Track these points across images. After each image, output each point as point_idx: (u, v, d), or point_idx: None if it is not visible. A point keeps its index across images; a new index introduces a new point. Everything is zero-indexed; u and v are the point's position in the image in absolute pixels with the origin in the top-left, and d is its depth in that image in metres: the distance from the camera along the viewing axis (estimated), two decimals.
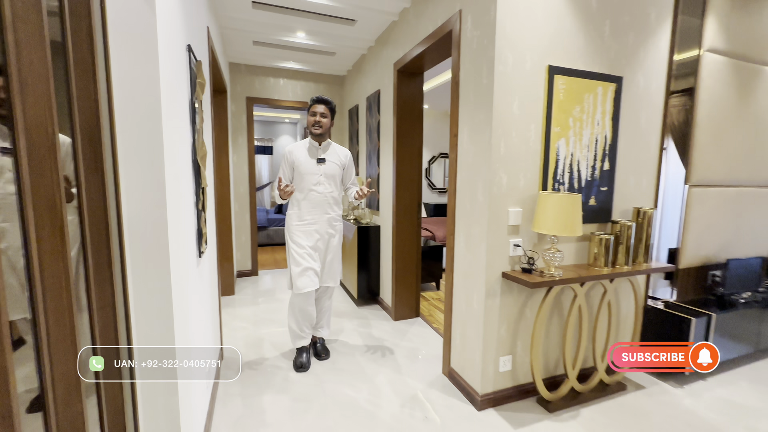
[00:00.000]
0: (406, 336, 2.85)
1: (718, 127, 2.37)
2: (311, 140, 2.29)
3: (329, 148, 2.32)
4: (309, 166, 2.25)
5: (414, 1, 2.59)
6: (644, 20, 2.08)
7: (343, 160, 2.35)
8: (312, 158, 2.26)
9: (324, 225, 2.30)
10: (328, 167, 2.28)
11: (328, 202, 2.29)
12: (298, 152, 2.27)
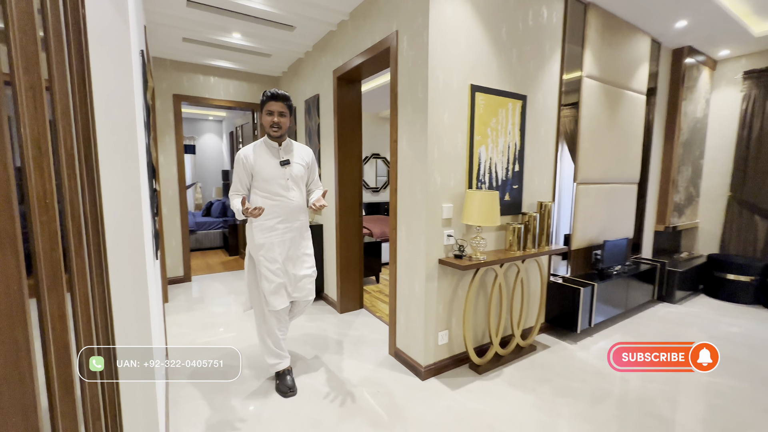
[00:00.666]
0: (352, 326, 3.06)
1: (595, 136, 3.00)
2: (268, 141, 2.00)
3: (291, 147, 2.05)
4: (273, 170, 1.96)
5: (352, 15, 2.80)
6: (541, 50, 2.57)
7: (307, 160, 2.09)
8: (274, 160, 1.98)
9: (296, 234, 2.06)
10: (295, 169, 2.01)
11: (299, 208, 2.05)
12: (257, 156, 1.96)
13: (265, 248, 1.99)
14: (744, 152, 3.94)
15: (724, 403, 2.05)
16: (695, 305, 3.64)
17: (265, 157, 1.98)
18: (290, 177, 2.00)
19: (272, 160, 1.98)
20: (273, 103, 1.93)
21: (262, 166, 1.96)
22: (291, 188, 2.00)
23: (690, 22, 3.15)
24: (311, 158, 2.13)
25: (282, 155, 2.00)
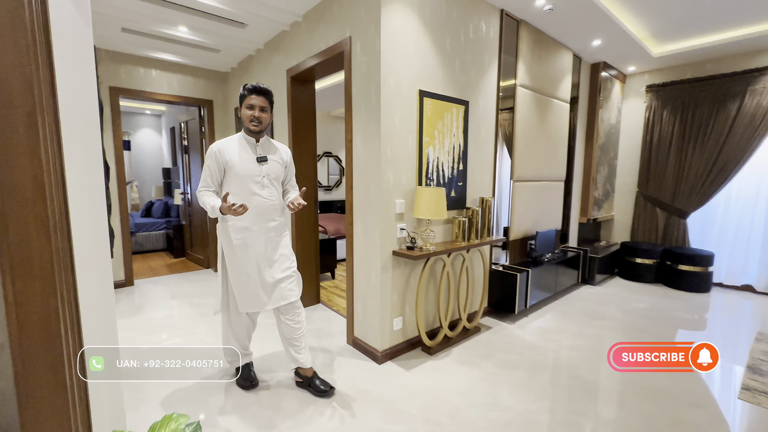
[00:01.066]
0: (311, 320, 3.14)
1: (528, 139, 3.37)
2: (245, 136, 1.91)
3: (269, 145, 1.97)
4: (248, 166, 1.87)
5: (305, 17, 2.88)
6: (480, 60, 2.85)
7: (285, 159, 2.02)
8: (250, 156, 1.89)
9: (272, 234, 1.96)
10: (272, 167, 1.93)
11: (275, 208, 1.95)
12: (231, 151, 1.87)
13: (239, 249, 1.90)
14: (647, 154, 4.62)
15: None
16: (611, 286, 4.21)
17: (240, 152, 1.87)
18: (266, 175, 1.90)
19: (248, 156, 1.88)
20: (254, 97, 1.85)
21: (237, 161, 1.85)
22: (266, 186, 1.91)
23: (603, 42, 3.64)
24: (289, 157, 2.05)
25: (259, 152, 1.91)
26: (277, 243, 1.99)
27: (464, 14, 2.65)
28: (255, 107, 1.85)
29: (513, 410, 1.94)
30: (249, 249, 1.91)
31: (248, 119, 1.86)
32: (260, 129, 1.88)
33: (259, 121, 1.86)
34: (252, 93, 1.85)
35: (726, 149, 4.00)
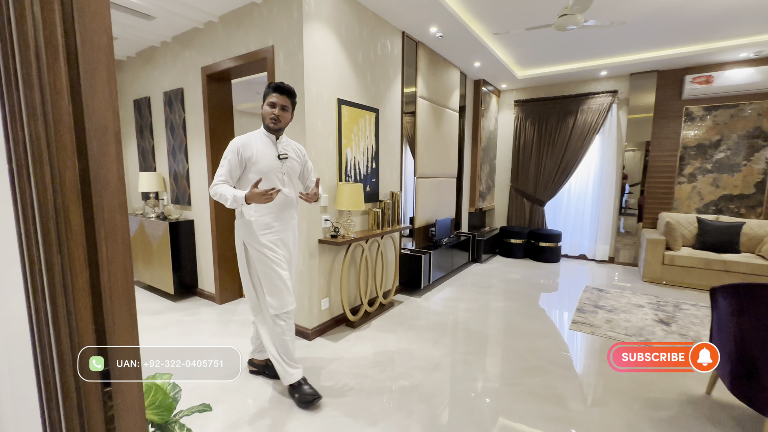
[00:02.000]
0: (236, 313, 3.24)
1: (427, 142, 3.99)
2: (265, 133, 1.92)
3: (288, 143, 2.01)
4: (271, 162, 1.88)
5: (222, 19, 2.96)
6: (387, 73, 3.32)
7: (302, 157, 2.05)
8: (272, 153, 1.90)
9: (291, 233, 1.99)
10: (291, 164, 1.96)
11: (294, 206, 1.99)
12: (254, 147, 1.87)
13: (268, 245, 1.90)
14: (517, 156, 5.76)
15: (504, 316, 3.23)
16: (494, 263, 5.18)
17: (263, 148, 1.89)
18: (287, 172, 1.94)
19: (270, 152, 1.90)
20: (276, 95, 1.86)
21: (261, 157, 1.87)
22: (286, 184, 1.94)
23: (482, 64, 4.48)
24: (304, 154, 2.09)
25: (280, 149, 1.93)
26: (295, 240, 2.03)
27: (373, 34, 3.08)
28: (276, 105, 1.85)
29: (423, 359, 2.45)
30: (278, 244, 1.92)
31: (268, 116, 1.87)
32: (278, 127, 1.89)
33: (278, 119, 1.87)
34: (275, 91, 1.85)
35: (567, 153, 5.27)
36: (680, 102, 4.58)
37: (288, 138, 2.03)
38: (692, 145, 4.56)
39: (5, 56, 0.86)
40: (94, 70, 0.70)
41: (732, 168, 4.36)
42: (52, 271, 0.77)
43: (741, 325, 1.65)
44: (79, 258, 0.74)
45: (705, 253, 4.03)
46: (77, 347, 0.77)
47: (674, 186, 4.68)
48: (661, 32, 3.72)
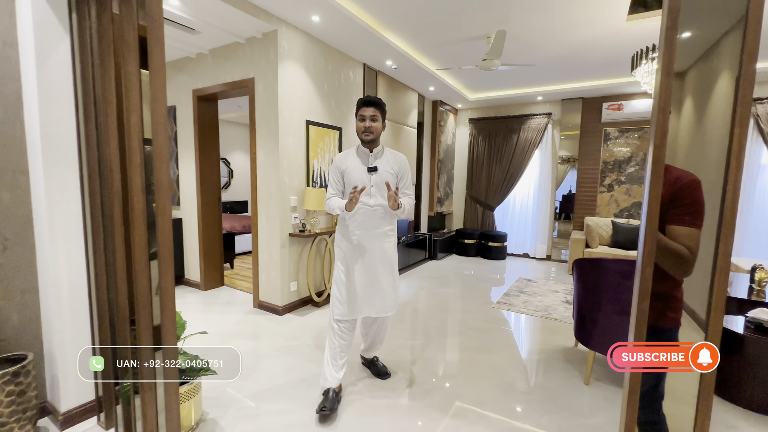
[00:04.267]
0: (218, 297, 3.82)
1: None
2: (361, 147, 2.02)
3: (382, 154, 2.02)
4: (358, 175, 1.96)
5: (212, 52, 3.59)
6: (350, 98, 4.01)
7: (396, 168, 2.02)
8: (363, 166, 1.98)
9: (372, 242, 1.99)
10: (381, 177, 1.96)
11: (379, 216, 1.98)
12: (347, 161, 2.00)
13: (341, 253, 2.03)
14: (471, 166, 6.56)
15: (444, 298, 3.93)
16: (449, 260, 5.91)
17: (355, 162, 1.99)
18: (374, 184, 1.96)
19: (360, 166, 1.98)
20: (365, 109, 1.94)
21: (350, 170, 1.98)
22: (373, 195, 1.96)
23: (435, 88, 5.25)
24: (401, 165, 2.06)
25: (371, 161, 1.99)
26: (379, 253, 2.01)
27: (337, 66, 3.77)
28: (366, 118, 1.93)
29: None
30: (349, 254, 2.01)
31: (360, 131, 1.95)
32: (371, 138, 1.95)
33: (370, 131, 1.93)
34: (363, 105, 1.95)
35: (512, 165, 6.10)
36: (600, 124, 5.48)
37: (389, 150, 2.07)
38: (610, 160, 5.45)
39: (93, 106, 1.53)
40: (158, 122, 1.35)
41: (640, 180, 5.27)
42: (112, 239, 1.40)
43: (578, 288, 2.39)
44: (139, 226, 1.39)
45: (616, 250, 4.88)
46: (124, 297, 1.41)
47: (596, 194, 5.56)
48: (566, 71, 4.59)
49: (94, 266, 1.74)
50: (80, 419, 1.82)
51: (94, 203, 1.69)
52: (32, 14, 1.60)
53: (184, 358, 1.75)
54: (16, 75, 1.71)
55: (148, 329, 1.50)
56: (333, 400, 1.95)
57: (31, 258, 1.80)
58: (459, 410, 2.01)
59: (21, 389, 1.60)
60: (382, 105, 1.99)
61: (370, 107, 1.95)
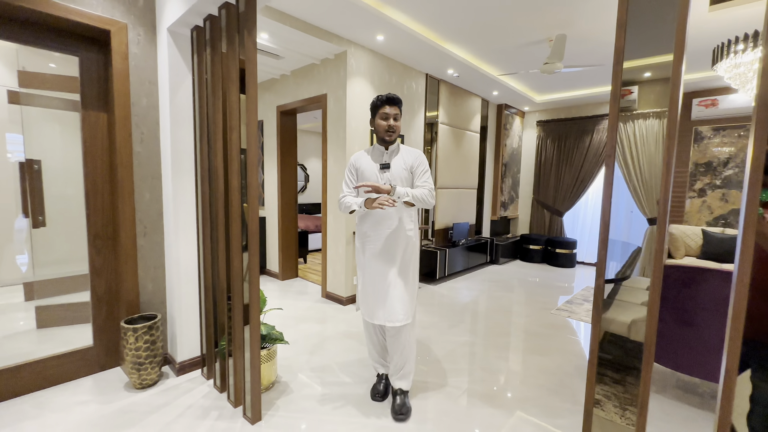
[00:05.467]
0: (293, 286, 4.34)
1: (447, 158, 4.85)
2: (377, 145, 1.96)
3: (397, 151, 1.95)
4: (370, 174, 1.91)
5: (293, 73, 4.14)
6: (413, 107, 4.27)
7: (410, 162, 1.92)
8: (375, 164, 1.93)
9: (387, 243, 1.89)
10: (394, 174, 1.89)
11: (392, 215, 1.90)
12: (361, 160, 1.96)
13: (360, 253, 2.00)
14: (539, 170, 6.36)
15: (500, 302, 3.95)
16: (512, 266, 5.81)
17: (368, 160, 1.95)
18: (387, 181, 1.88)
19: (373, 164, 1.93)
20: (389, 107, 1.87)
21: (363, 169, 1.94)
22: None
23: (499, 93, 5.25)
24: (415, 160, 1.93)
25: (385, 159, 1.93)
26: (393, 254, 1.90)
27: (400, 78, 4.06)
28: (389, 117, 1.87)
29: (423, 321, 3.31)
30: (364, 255, 1.96)
31: (383, 129, 1.88)
32: (394, 138, 1.91)
33: (394, 130, 1.88)
34: (386, 104, 1.87)
35: (584, 169, 5.79)
36: (689, 122, 4.95)
37: (405, 147, 1.98)
38: (702, 162, 4.89)
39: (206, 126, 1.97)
40: (251, 137, 1.75)
41: (740, 184, 4.64)
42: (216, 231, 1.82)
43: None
44: (236, 221, 1.79)
45: (703, 262, 4.37)
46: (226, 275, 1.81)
47: (685, 200, 5.02)
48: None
49: (202, 252, 2.24)
50: (190, 370, 2.33)
51: (204, 202, 2.18)
52: (168, 60, 2.14)
53: (264, 327, 2.15)
54: (155, 105, 2.29)
55: (239, 304, 1.91)
56: (384, 384, 2.09)
57: (161, 242, 2.37)
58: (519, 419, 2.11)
59: (153, 339, 2.13)
60: (402, 103, 1.93)
61: (394, 106, 1.89)
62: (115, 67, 2.10)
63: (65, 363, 2.17)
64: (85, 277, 2.29)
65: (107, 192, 2.26)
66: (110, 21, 2.05)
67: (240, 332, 1.91)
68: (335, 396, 2.12)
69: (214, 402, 2.02)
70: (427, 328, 3.15)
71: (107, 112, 2.21)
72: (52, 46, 2.04)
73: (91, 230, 2.23)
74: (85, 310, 2.29)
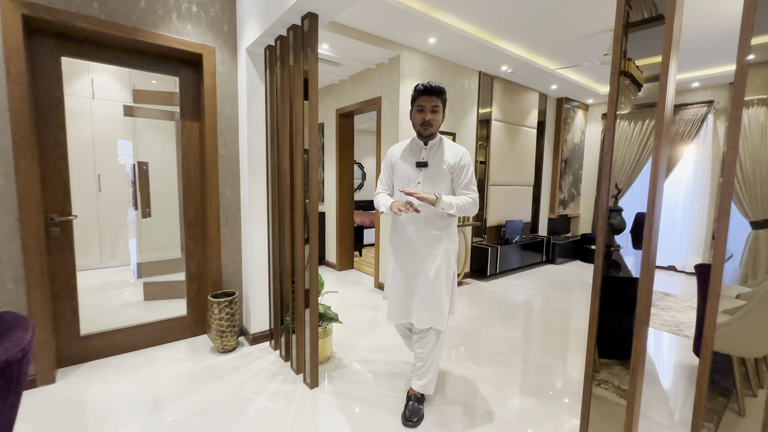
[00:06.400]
0: (349, 277, 4.66)
1: (501, 155, 4.82)
2: (415, 139, 1.85)
3: (437, 147, 1.81)
4: (407, 170, 1.81)
5: (351, 78, 4.44)
6: (464, 105, 4.33)
7: (451, 162, 1.79)
8: (412, 160, 1.82)
9: (419, 243, 1.80)
10: (432, 172, 1.78)
11: (432, 215, 1.79)
12: (398, 154, 1.87)
13: (390, 251, 1.91)
14: None
15: (549, 301, 3.88)
16: (570, 266, 5.58)
17: (405, 155, 1.85)
18: (422, 180, 1.79)
19: (410, 160, 1.82)
20: (425, 98, 1.73)
21: (400, 164, 1.85)
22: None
23: (558, 86, 5.07)
24: (459, 159, 1.80)
25: (423, 155, 1.80)
26: (428, 255, 1.79)
27: (452, 78, 4.15)
28: (425, 109, 1.74)
29: (471, 315, 3.40)
30: (397, 252, 1.87)
31: (419, 123, 1.77)
32: (431, 132, 1.77)
33: (430, 124, 1.75)
34: (422, 94, 1.73)
35: None
36: None
37: (448, 143, 1.84)
38: None
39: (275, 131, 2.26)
40: (312, 139, 2.02)
41: None
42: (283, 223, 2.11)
43: (699, 297, 2.20)
44: (299, 215, 2.08)
45: None
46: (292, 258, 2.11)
47: None
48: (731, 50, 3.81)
49: (271, 240, 2.59)
50: (260, 341, 2.71)
51: (273, 197, 2.52)
52: (246, 75, 2.52)
53: (321, 307, 2.44)
54: (236, 114, 2.68)
55: (301, 288, 2.20)
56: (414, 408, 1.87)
57: (239, 231, 2.77)
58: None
59: (232, 312, 2.53)
60: (444, 92, 1.75)
61: (432, 96, 1.72)
62: (206, 84, 2.52)
63: (166, 328, 2.66)
64: (178, 261, 2.78)
65: (198, 188, 2.71)
66: (203, 46, 2.47)
67: (301, 312, 2.20)
68: (382, 373, 2.33)
69: (280, 368, 2.35)
70: (474, 322, 3.24)
71: (199, 121, 2.65)
72: (159, 69, 2.52)
73: (185, 220, 2.70)
74: (180, 287, 2.77)
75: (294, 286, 2.30)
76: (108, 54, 2.32)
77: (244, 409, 1.93)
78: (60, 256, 2.22)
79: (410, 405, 1.88)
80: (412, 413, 1.84)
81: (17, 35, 1.89)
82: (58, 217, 2.19)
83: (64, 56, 2.16)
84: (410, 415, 1.84)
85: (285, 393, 2.08)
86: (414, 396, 1.93)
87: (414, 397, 1.92)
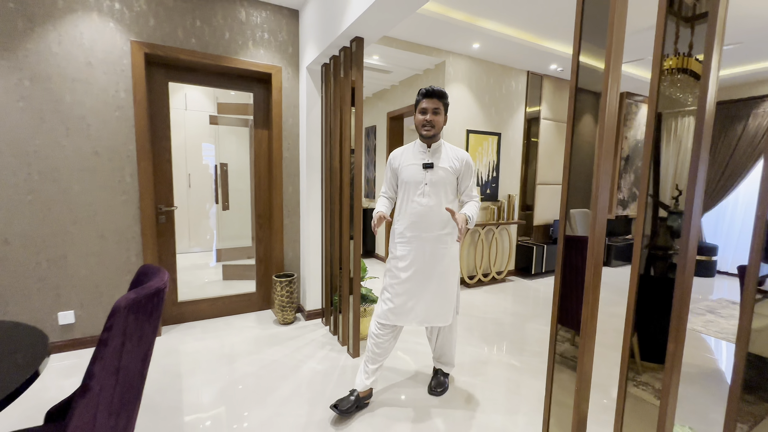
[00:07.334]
0: None
1: (549, 155, 4.79)
2: (418, 142, 1.90)
3: (440, 150, 1.88)
4: (413, 172, 1.85)
5: (401, 83, 4.74)
6: (510, 105, 4.41)
7: (457, 166, 1.86)
8: (417, 162, 1.86)
9: (424, 246, 1.84)
10: (437, 174, 1.83)
11: (437, 218, 1.83)
12: (402, 157, 1.91)
13: (392, 254, 1.93)
14: None
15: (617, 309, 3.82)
16: (627, 269, 5.32)
17: (409, 158, 1.89)
18: (428, 182, 1.82)
19: (415, 162, 1.86)
20: (426, 101, 1.80)
21: (404, 167, 1.88)
22: (427, 194, 1.83)
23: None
24: (463, 163, 1.87)
25: (427, 158, 1.85)
26: (434, 258, 1.84)
27: (498, 79, 4.26)
28: (427, 111, 1.80)
29: (508, 310, 3.53)
30: (400, 256, 1.88)
31: (420, 124, 1.83)
32: (432, 133, 1.82)
33: (431, 125, 1.80)
34: (424, 97, 1.81)
35: (733, 160, 4.89)
36: None
37: (449, 146, 1.92)
38: None
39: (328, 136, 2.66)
40: (358, 141, 2.36)
41: None
42: (333, 217, 2.48)
43: None
44: (346, 212, 2.44)
45: None
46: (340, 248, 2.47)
47: None
48: None
49: (324, 231, 3.00)
50: (314, 317, 3.14)
51: (326, 194, 2.93)
52: (306, 89, 2.95)
53: (363, 290, 2.79)
54: (297, 123, 3.14)
55: (347, 274, 2.56)
56: (349, 402, 1.85)
57: (297, 222, 3.24)
58: None
59: (291, 291, 2.99)
60: (446, 97, 1.83)
61: (433, 98, 1.80)
62: (274, 98, 3.00)
63: (239, 301, 3.21)
64: (248, 249, 3.32)
65: (266, 186, 3.21)
66: (272, 67, 2.95)
67: (346, 296, 2.56)
68: (417, 351, 2.62)
69: (329, 340, 2.75)
70: (511, 315, 3.37)
71: (268, 129, 3.15)
72: (238, 87, 3.05)
73: (256, 212, 3.22)
74: (250, 270, 3.31)
75: (341, 272, 2.68)
76: (201, 77, 2.89)
77: (298, 368, 2.35)
78: (165, 238, 2.84)
79: (436, 377, 2.17)
80: (438, 384, 2.12)
81: (141, 69, 2.49)
82: (164, 207, 2.80)
83: (171, 81, 2.76)
84: (435, 386, 2.11)
85: (331, 359, 2.47)
86: (440, 371, 2.19)
87: (440, 372, 2.19)
